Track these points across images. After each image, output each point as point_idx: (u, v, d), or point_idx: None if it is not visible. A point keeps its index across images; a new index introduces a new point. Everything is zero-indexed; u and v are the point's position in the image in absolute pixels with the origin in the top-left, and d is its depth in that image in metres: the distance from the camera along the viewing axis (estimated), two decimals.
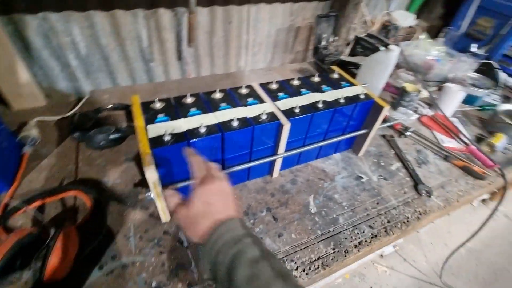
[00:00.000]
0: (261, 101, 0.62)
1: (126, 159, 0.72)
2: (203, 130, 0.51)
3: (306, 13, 1.19)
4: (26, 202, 0.57)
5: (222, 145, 0.55)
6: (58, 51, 0.83)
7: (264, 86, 0.68)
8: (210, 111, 0.57)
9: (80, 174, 0.67)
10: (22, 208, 0.56)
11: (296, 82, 0.71)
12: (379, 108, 0.68)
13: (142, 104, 0.57)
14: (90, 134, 0.71)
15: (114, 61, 0.94)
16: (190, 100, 0.59)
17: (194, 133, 0.51)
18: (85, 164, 0.70)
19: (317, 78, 0.73)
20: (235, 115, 0.55)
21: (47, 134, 0.77)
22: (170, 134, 0.49)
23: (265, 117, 0.57)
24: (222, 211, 0.39)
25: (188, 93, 0.60)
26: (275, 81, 0.69)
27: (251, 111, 0.58)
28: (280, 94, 0.65)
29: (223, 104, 0.59)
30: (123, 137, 0.75)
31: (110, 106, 0.86)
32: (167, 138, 0.49)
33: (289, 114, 0.59)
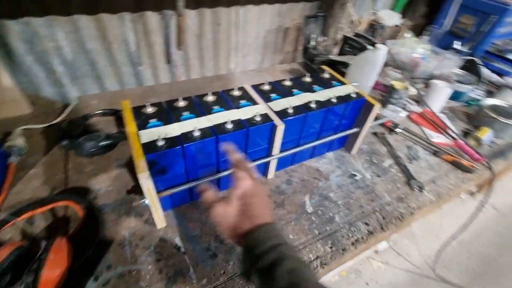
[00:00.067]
0: (254, 102, 0.62)
1: (117, 166, 0.70)
2: (197, 134, 0.51)
3: (294, 14, 1.20)
4: (15, 214, 0.55)
5: (217, 148, 0.54)
6: (42, 57, 0.81)
7: (256, 88, 0.67)
8: (204, 114, 0.56)
9: (70, 183, 0.65)
10: (10, 221, 0.54)
11: (287, 83, 0.71)
12: (370, 106, 0.69)
13: (133, 109, 0.56)
14: (79, 141, 0.69)
15: (101, 65, 0.92)
16: (182, 103, 0.58)
17: (188, 137, 0.50)
18: (75, 172, 0.68)
19: (308, 78, 0.74)
20: (229, 118, 0.55)
21: (34, 143, 0.74)
22: (164, 139, 0.49)
23: (259, 118, 0.56)
24: (260, 215, 0.39)
25: (179, 96, 0.59)
26: (267, 82, 0.69)
27: (245, 113, 0.58)
28: (272, 95, 0.65)
29: (216, 106, 0.59)
30: (114, 143, 0.73)
31: (99, 111, 0.84)
32: (161, 143, 0.48)
33: (282, 115, 0.59)
